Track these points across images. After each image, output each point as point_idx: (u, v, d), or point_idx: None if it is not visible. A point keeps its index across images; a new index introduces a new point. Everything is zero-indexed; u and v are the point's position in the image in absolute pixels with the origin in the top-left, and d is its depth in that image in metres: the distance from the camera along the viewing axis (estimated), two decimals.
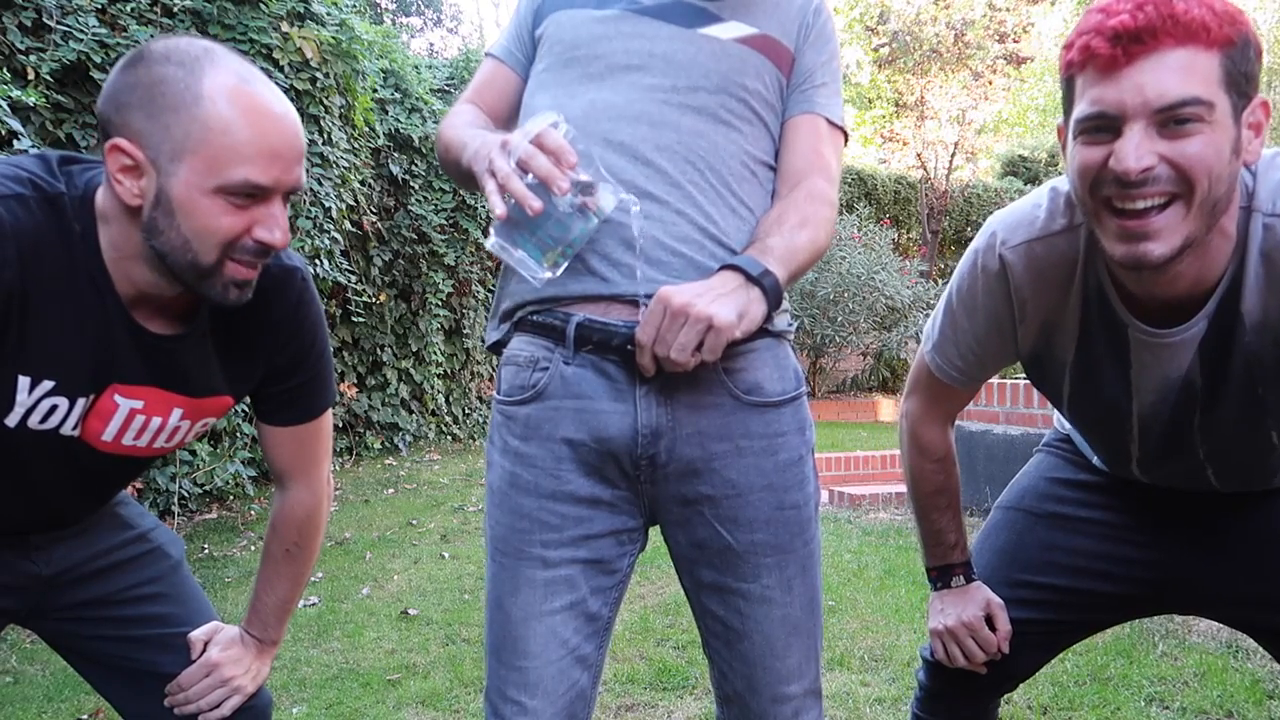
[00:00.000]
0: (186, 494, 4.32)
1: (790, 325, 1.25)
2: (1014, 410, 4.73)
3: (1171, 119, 0.97)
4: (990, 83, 13.51)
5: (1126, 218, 1.00)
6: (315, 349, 1.29)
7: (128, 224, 1.06)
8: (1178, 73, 0.96)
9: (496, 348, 1.25)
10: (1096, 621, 1.49)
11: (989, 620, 1.41)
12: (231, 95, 1.02)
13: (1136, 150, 0.97)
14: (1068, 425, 1.50)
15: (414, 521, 4.67)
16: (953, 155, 13.94)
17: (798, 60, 1.25)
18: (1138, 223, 1.00)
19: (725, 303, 1.03)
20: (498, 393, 1.22)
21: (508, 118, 1.30)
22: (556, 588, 1.15)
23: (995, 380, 5.02)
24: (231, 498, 4.75)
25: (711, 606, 1.21)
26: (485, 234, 6.86)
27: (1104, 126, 1.00)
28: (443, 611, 3.32)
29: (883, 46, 13.79)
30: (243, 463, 4.48)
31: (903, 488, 5.46)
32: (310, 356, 1.29)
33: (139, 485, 4.09)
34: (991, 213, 1.32)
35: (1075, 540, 1.44)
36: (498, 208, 1.02)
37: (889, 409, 11.52)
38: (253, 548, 4.20)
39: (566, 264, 1.07)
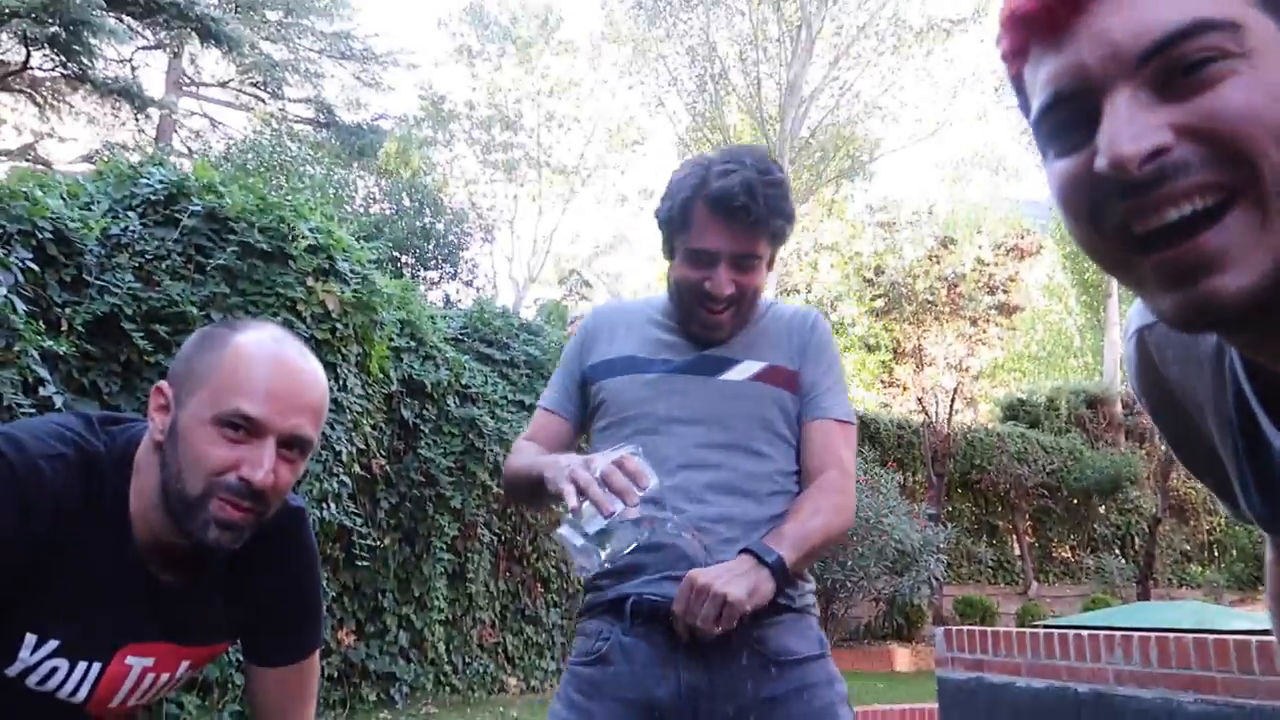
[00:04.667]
0: None
1: (813, 603, 1.50)
2: (1035, 661, 4.54)
3: (1173, 66, 0.58)
4: (985, 330, 14.00)
5: (1161, 248, 0.59)
6: (313, 587, 1.32)
7: (155, 465, 1.11)
8: None
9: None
10: None
11: None
12: (256, 344, 1.11)
13: (1130, 126, 0.58)
14: None
15: None
16: (953, 400, 14.20)
17: (802, 374, 1.54)
18: (1180, 250, 0.58)
19: (739, 583, 1.29)
20: (571, 655, 1.48)
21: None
22: None
23: (1015, 629, 4.85)
24: None
25: None
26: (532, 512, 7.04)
27: (1073, 117, 0.61)
28: None
29: (879, 298, 14.41)
30: (230, 716, 4.26)
31: None
32: (308, 595, 1.31)
33: None
34: (994, 455, 1.24)
35: None
36: (571, 501, 1.23)
37: (905, 658, 11.04)
38: None
39: (617, 562, 1.29)
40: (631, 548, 1.26)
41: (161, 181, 4.53)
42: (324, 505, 4.73)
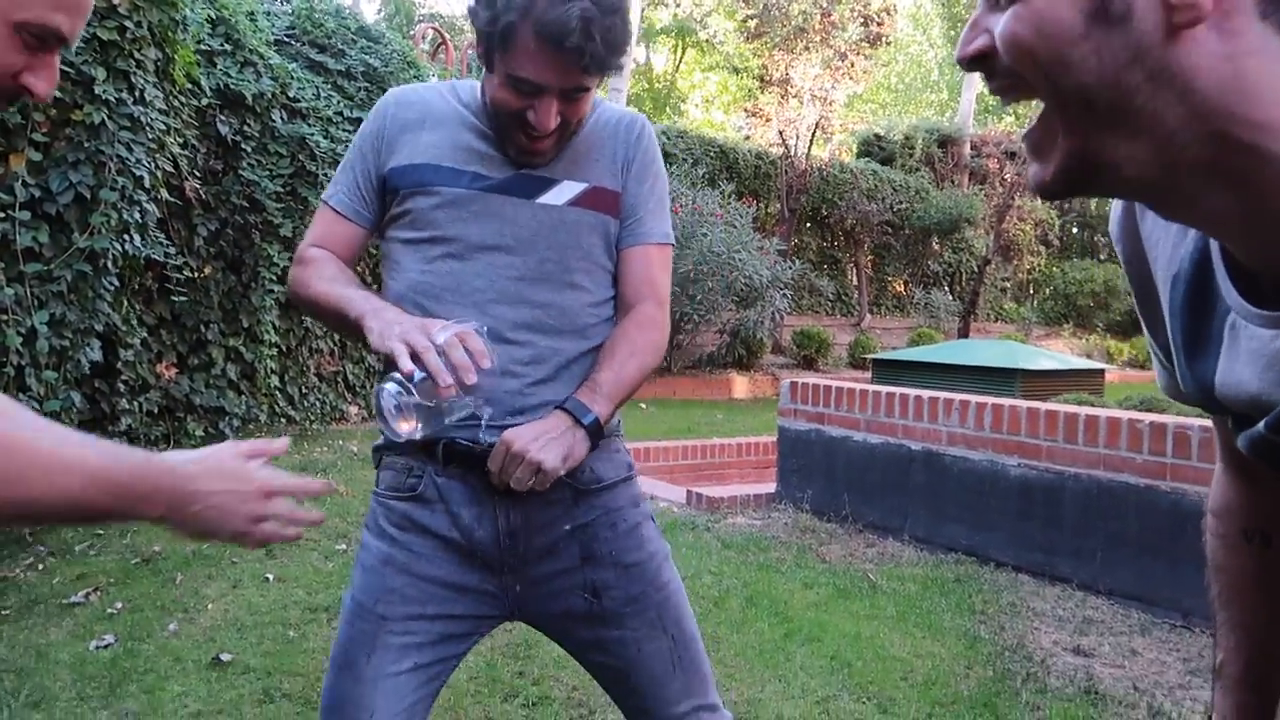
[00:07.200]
0: None
1: (619, 424, 1.50)
2: (874, 418, 4.67)
3: None
4: (853, 64, 13.61)
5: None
6: None
7: None
8: None
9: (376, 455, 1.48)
10: None
11: None
12: None
13: (967, 30, 0.65)
14: None
15: None
16: (813, 134, 14.00)
17: (624, 195, 1.46)
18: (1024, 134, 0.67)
19: (553, 448, 1.28)
20: (377, 486, 1.45)
21: (353, 264, 1.50)
22: (408, 652, 1.36)
23: (857, 386, 4.95)
24: None
25: (597, 659, 1.47)
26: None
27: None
28: (262, 655, 2.94)
29: (752, 19, 13.65)
30: None
31: (761, 487, 5.32)
32: None
33: None
34: (846, 191, 1.00)
35: None
36: (406, 364, 1.19)
37: (743, 386, 11.58)
38: (41, 566, 3.68)
39: (425, 434, 1.25)
40: (441, 423, 1.25)
41: None
42: (127, 237, 4.16)
